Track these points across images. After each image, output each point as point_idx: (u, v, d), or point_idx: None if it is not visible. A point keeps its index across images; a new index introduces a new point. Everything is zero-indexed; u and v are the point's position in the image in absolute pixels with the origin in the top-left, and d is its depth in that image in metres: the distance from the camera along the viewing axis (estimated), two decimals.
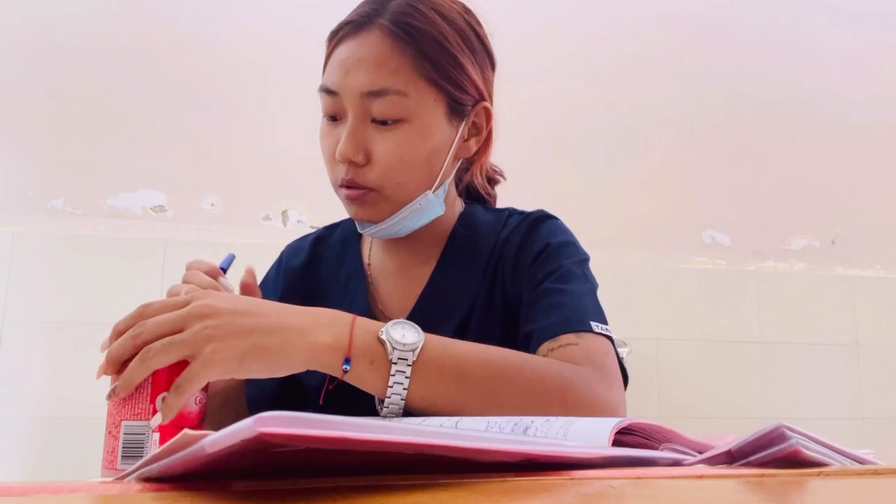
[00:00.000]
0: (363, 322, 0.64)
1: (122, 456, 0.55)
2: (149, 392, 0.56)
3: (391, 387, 0.62)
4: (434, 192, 0.81)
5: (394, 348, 0.62)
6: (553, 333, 0.74)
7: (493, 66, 0.86)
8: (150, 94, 1.96)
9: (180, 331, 0.57)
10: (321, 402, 0.79)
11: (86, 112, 1.93)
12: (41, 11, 1.93)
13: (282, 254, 0.99)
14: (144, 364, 0.55)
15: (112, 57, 1.95)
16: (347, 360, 0.61)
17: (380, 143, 0.76)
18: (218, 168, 1.98)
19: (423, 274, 0.87)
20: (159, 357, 0.55)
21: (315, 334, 0.61)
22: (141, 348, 0.56)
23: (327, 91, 0.78)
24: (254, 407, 0.87)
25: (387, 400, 0.63)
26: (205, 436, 0.31)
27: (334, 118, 0.79)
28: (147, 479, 0.36)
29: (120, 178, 1.93)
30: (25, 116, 1.91)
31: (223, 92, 2.00)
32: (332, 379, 0.74)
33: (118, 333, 0.58)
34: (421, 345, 0.63)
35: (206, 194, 1.97)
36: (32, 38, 1.92)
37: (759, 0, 2.34)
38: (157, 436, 0.55)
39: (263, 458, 0.32)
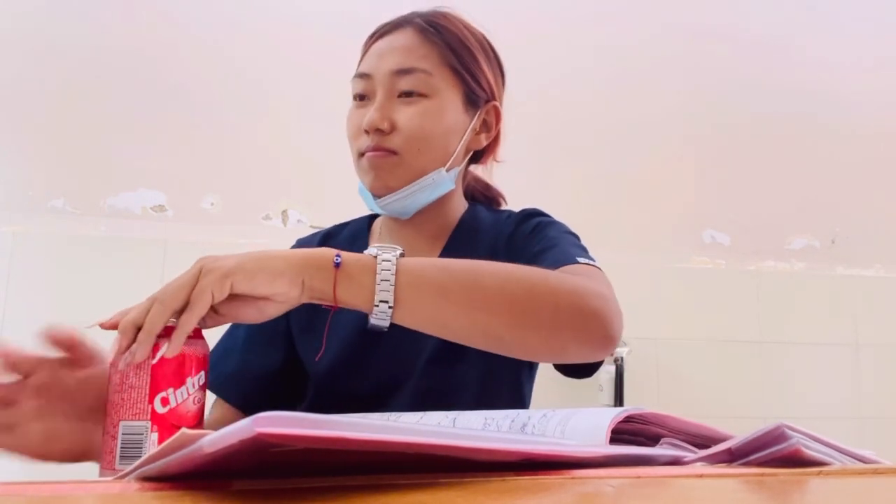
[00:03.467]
0: None
1: (121, 456, 0.55)
2: (147, 392, 0.56)
3: (379, 274, 0.63)
4: (447, 170, 0.87)
5: (380, 249, 0.65)
6: None
7: (504, 82, 0.96)
8: (150, 94, 1.96)
9: None
10: (317, 359, 0.84)
11: (86, 112, 1.93)
12: (41, 12, 1.93)
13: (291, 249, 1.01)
14: (164, 305, 0.57)
15: (112, 57, 1.95)
16: (338, 256, 0.64)
17: (404, 114, 0.84)
18: (218, 168, 1.98)
19: None
20: (176, 294, 0.58)
21: (305, 250, 0.65)
22: None
23: (361, 75, 0.87)
24: (248, 377, 0.90)
25: (377, 292, 0.63)
26: (203, 435, 0.31)
27: (363, 98, 0.87)
28: (146, 479, 0.36)
29: (120, 178, 1.93)
30: (26, 116, 1.91)
31: (223, 92, 2.00)
32: (344, 342, 0.79)
33: (131, 321, 0.59)
34: (401, 250, 0.66)
35: (206, 194, 1.97)
36: (33, 39, 1.92)
37: (760, 8, 2.34)
38: (155, 435, 0.55)
39: (262, 458, 0.32)
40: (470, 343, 0.67)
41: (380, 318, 0.63)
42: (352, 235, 0.98)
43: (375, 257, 0.64)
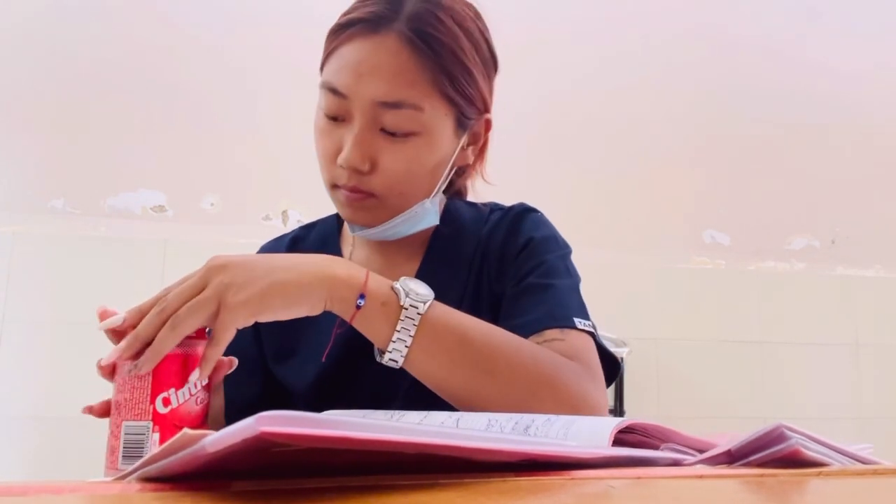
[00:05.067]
0: (375, 274, 0.66)
1: (123, 456, 0.55)
2: (149, 392, 0.56)
3: (398, 331, 0.63)
4: (431, 200, 0.81)
5: (407, 295, 0.64)
6: (537, 328, 0.74)
7: (496, 71, 0.85)
8: (150, 94, 1.96)
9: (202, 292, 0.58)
10: (323, 360, 0.80)
11: (86, 112, 1.93)
12: (42, 15, 1.93)
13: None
14: (175, 330, 0.56)
15: (112, 58, 1.95)
16: (362, 296, 0.62)
17: (388, 154, 0.74)
18: (218, 168, 1.98)
19: (408, 272, 0.85)
20: (189, 320, 0.56)
21: (332, 269, 0.63)
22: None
23: (334, 91, 0.73)
24: (233, 411, 0.85)
25: (390, 346, 0.63)
26: (205, 435, 0.31)
27: (336, 119, 0.75)
28: (147, 479, 0.36)
29: (120, 178, 1.93)
30: (26, 117, 1.91)
31: (223, 92, 2.00)
32: (331, 360, 0.75)
33: (141, 312, 0.58)
34: (432, 299, 0.65)
35: (206, 194, 1.97)
36: (34, 41, 1.92)
37: (760, 12, 2.34)
38: (157, 436, 0.55)
39: (264, 458, 0.32)
40: (450, 402, 0.67)
41: (386, 361, 0.64)
42: (321, 239, 0.93)
43: (401, 306, 0.63)
